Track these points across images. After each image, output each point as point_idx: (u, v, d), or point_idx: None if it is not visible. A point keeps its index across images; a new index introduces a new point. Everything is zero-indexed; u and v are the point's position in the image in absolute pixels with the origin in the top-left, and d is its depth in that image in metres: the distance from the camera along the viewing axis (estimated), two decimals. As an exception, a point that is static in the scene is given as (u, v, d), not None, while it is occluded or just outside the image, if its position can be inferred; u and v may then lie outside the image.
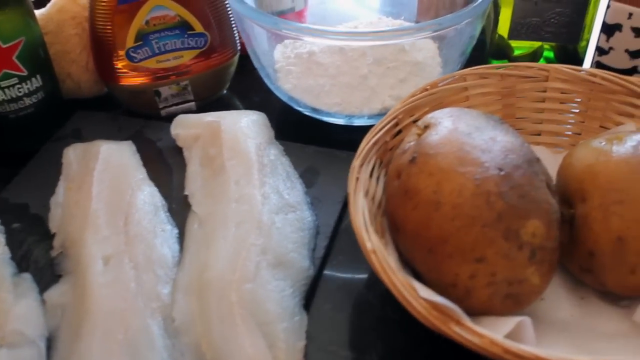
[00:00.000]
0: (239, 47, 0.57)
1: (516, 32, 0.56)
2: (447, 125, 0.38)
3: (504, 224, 0.34)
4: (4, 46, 0.49)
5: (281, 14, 0.60)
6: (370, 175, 0.41)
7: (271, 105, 0.57)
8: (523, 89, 0.47)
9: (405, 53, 0.53)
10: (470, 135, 0.37)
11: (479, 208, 0.34)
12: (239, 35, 0.56)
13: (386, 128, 0.42)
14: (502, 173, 0.35)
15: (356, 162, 0.40)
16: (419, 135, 0.39)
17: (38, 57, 0.52)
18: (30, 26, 0.51)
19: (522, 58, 0.58)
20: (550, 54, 0.58)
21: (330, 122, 0.53)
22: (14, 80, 0.50)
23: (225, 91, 0.59)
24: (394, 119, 0.43)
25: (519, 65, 0.47)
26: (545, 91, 0.47)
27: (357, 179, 0.39)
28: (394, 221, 0.38)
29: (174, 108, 0.56)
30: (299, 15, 0.61)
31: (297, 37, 0.48)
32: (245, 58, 0.57)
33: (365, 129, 0.42)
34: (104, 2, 0.51)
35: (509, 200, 0.35)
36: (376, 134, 0.41)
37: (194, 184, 0.48)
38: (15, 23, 0.49)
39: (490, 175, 0.35)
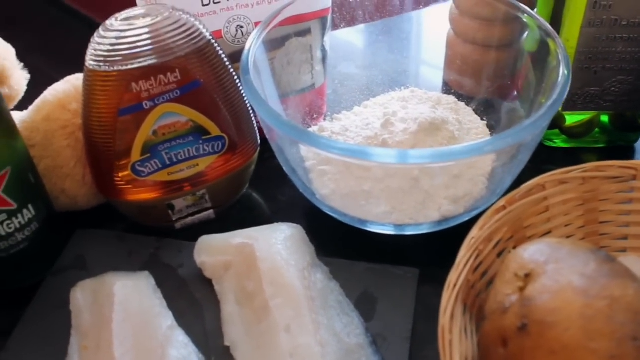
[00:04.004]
0: (259, 141, 0.49)
1: (572, 103, 0.50)
2: (555, 277, 0.32)
3: (650, 413, 0.29)
4: (-13, 181, 0.41)
5: (302, 92, 0.53)
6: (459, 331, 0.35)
7: (301, 205, 0.50)
8: (607, 191, 0.41)
9: (455, 140, 0.47)
10: (587, 294, 0.31)
11: (620, 398, 0.29)
12: (257, 124, 0.49)
13: (468, 267, 0.36)
14: (638, 343, 0.30)
15: (444, 320, 0.33)
16: (521, 288, 0.33)
17: (28, 185, 0.44)
18: (17, 151, 0.43)
19: (577, 127, 0.53)
20: (605, 119, 0.53)
21: (376, 231, 0.46)
22: (3, 216, 0.42)
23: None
24: (474, 251, 0.37)
25: (600, 165, 0.41)
26: (632, 191, 0.41)
27: (451, 343, 0.33)
28: (502, 398, 0.32)
29: (190, 219, 0.49)
30: (320, 93, 0.55)
31: (336, 157, 0.41)
32: (262, 143, 0.50)
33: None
34: (102, 112, 0.43)
35: (652, 380, 0.29)
36: (457, 280, 0.35)
37: (235, 331, 0.41)
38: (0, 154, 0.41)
39: (626, 351, 0.29)
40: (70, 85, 0.48)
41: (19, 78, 0.48)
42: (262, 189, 0.53)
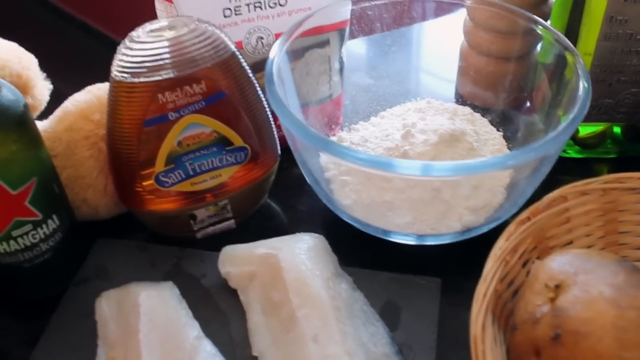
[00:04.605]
0: (279, 152, 0.50)
1: (587, 114, 0.51)
2: (586, 288, 0.33)
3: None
4: (14, 193, 0.41)
5: (320, 102, 0.54)
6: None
7: (319, 215, 0.51)
8: (627, 202, 0.42)
9: (474, 151, 0.48)
10: (619, 304, 0.32)
11: (655, 407, 0.29)
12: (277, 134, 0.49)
13: (496, 277, 0.37)
14: (669, 353, 0.31)
15: (476, 329, 0.34)
16: (552, 299, 0.34)
17: (53, 195, 0.44)
18: (42, 161, 0.43)
19: (590, 138, 0.54)
20: (618, 130, 0.54)
21: (397, 241, 0.47)
22: (28, 227, 0.43)
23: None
24: (502, 262, 0.38)
25: (620, 177, 0.42)
26: (651, 202, 0.42)
27: (484, 352, 0.34)
28: (534, 406, 0.33)
29: (211, 229, 0.50)
30: (337, 103, 0.55)
31: (361, 168, 0.42)
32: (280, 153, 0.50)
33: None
34: (127, 123, 0.44)
35: (684, 389, 0.30)
36: (486, 290, 0.36)
37: (262, 341, 0.41)
38: (25, 164, 0.41)
39: (659, 360, 0.30)
40: (92, 95, 0.48)
41: (42, 88, 0.48)
42: (281, 198, 0.53)
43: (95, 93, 0.48)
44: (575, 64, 0.44)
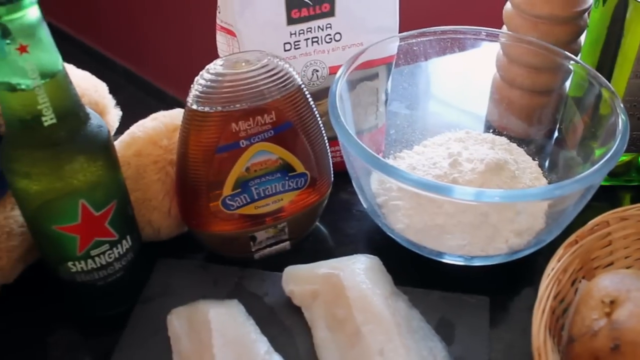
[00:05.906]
0: (332, 177, 0.55)
1: (617, 145, 0.57)
2: (639, 303, 0.38)
3: None
4: (97, 214, 0.45)
5: (368, 131, 0.59)
6: (550, 353, 0.40)
7: (367, 237, 0.56)
8: (662, 227, 0.48)
9: (516, 179, 0.53)
10: (670, 317, 0.37)
11: None
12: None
13: (552, 295, 0.42)
14: None
15: (538, 344, 0.39)
16: (608, 314, 0.39)
17: (127, 216, 0.48)
18: (121, 185, 0.47)
19: (618, 167, 0.60)
20: (641, 161, 0.60)
21: (447, 262, 0.52)
22: (105, 247, 0.47)
23: (314, 222, 0.57)
24: (555, 281, 0.43)
25: (656, 203, 0.48)
26: (682, 227, 0.48)
27: (546, 364, 0.38)
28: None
29: (267, 250, 0.54)
30: (382, 132, 0.60)
31: (422, 192, 0.47)
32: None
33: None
34: (200, 149, 0.48)
35: None
36: (544, 307, 0.41)
37: (330, 356, 0.46)
38: (108, 187, 0.46)
39: None
40: (159, 122, 0.52)
41: (114, 115, 0.52)
42: (330, 221, 0.58)
43: (162, 120, 0.52)
44: (612, 100, 0.50)
